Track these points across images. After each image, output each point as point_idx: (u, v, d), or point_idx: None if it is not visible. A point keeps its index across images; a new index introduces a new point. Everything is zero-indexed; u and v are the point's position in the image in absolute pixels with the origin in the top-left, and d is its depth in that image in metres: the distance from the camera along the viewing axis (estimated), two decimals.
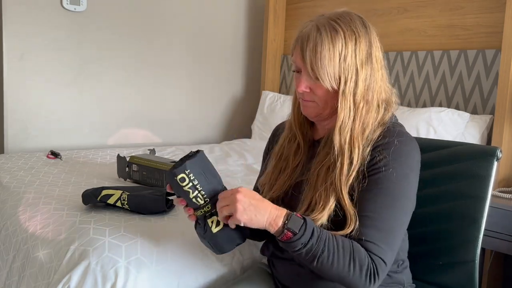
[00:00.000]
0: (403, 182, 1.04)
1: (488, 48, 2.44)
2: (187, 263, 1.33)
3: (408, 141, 1.08)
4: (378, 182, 1.03)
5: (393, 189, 1.03)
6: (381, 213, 1.02)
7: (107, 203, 1.52)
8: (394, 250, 1.03)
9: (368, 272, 0.98)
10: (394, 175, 1.03)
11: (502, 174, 2.23)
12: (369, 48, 1.08)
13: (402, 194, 1.04)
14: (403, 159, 1.05)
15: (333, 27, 1.07)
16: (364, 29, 1.09)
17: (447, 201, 1.29)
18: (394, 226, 1.03)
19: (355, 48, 1.07)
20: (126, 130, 3.15)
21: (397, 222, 1.03)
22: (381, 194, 1.03)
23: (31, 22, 2.72)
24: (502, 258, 2.28)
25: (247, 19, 3.64)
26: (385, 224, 1.01)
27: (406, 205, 1.05)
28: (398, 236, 1.04)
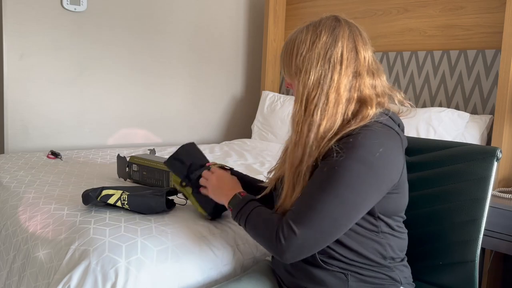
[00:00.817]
0: (346, 172, 1.04)
1: (488, 48, 2.44)
2: (187, 263, 1.33)
3: (370, 135, 1.07)
4: (321, 168, 1.08)
5: (331, 175, 1.05)
6: (312, 192, 1.06)
7: (107, 203, 1.52)
8: (315, 231, 1.04)
9: (276, 233, 1.07)
10: (341, 163, 1.05)
11: (502, 174, 2.23)
12: (331, 47, 1.12)
13: (341, 183, 1.04)
14: (354, 150, 1.05)
15: (302, 29, 1.17)
16: (329, 29, 1.14)
17: (447, 201, 1.29)
18: (319, 207, 1.04)
19: (313, 44, 1.13)
20: (126, 130, 3.16)
21: (325, 205, 1.04)
22: (318, 178, 1.07)
23: (31, 22, 2.73)
24: (502, 258, 2.28)
25: (247, 19, 3.64)
26: (312, 201, 1.05)
27: (344, 195, 1.04)
28: (322, 218, 1.04)
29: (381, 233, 1.14)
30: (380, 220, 1.13)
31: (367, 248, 1.13)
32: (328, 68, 1.11)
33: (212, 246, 1.39)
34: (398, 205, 1.16)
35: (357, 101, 1.13)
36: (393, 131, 1.13)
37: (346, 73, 1.12)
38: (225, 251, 1.40)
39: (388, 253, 1.16)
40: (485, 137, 2.34)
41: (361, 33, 1.17)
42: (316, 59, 1.12)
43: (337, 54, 1.12)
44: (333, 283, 1.14)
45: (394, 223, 1.17)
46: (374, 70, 1.16)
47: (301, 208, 1.06)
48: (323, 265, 1.14)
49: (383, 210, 1.12)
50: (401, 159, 1.12)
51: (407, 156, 1.41)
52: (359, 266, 1.14)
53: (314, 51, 1.12)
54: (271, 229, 1.09)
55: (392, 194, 1.12)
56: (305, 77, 1.12)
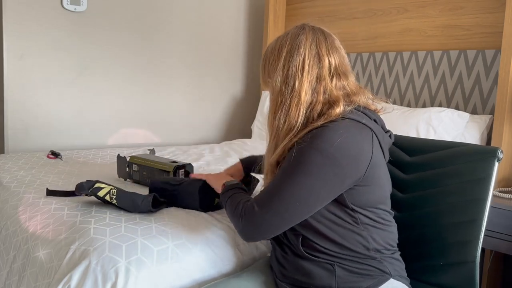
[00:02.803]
0: (305, 159, 1.11)
1: (488, 48, 2.44)
2: (187, 263, 1.33)
3: (331, 127, 1.13)
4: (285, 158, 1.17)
5: (293, 162, 1.13)
6: (275, 179, 1.16)
7: (97, 195, 1.52)
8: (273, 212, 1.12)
9: (240, 211, 1.17)
10: (302, 151, 1.13)
11: (502, 174, 2.23)
12: (293, 53, 1.20)
13: (300, 169, 1.11)
14: (313, 140, 1.12)
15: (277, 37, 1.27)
16: (293, 37, 1.22)
17: (448, 201, 1.29)
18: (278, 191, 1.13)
19: (278, 52, 1.22)
20: (126, 130, 3.16)
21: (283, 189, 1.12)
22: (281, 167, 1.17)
23: (31, 22, 2.73)
24: (502, 258, 2.28)
25: (247, 19, 3.64)
26: (272, 187, 1.14)
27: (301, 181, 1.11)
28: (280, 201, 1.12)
29: (361, 225, 1.16)
30: (357, 212, 1.16)
31: (349, 240, 1.16)
32: (291, 75, 1.19)
33: (212, 245, 1.39)
34: (372, 197, 1.17)
35: (324, 103, 1.19)
36: (362, 125, 1.16)
37: (307, 78, 1.19)
38: (225, 250, 1.40)
39: (371, 244, 1.17)
40: (485, 137, 2.34)
41: (327, 38, 1.23)
42: (281, 67, 1.21)
43: (299, 61, 1.19)
44: (321, 274, 1.16)
45: (374, 215, 1.18)
46: (341, 73, 1.22)
47: (264, 192, 1.16)
48: (309, 257, 1.17)
49: (357, 202, 1.15)
50: (369, 151, 1.14)
51: (408, 156, 1.41)
52: (344, 258, 1.16)
53: (280, 59, 1.22)
54: (239, 208, 1.18)
55: (361, 186, 1.14)
56: (273, 85, 1.22)
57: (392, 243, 1.23)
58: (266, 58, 1.26)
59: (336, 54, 1.22)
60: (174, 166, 1.83)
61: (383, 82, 2.87)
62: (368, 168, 1.13)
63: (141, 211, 1.50)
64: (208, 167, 2.41)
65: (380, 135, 1.19)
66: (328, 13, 3.23)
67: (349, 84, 1.22)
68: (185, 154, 2.73)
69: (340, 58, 1.23)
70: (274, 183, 1.14)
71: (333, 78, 1.20)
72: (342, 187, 1.12)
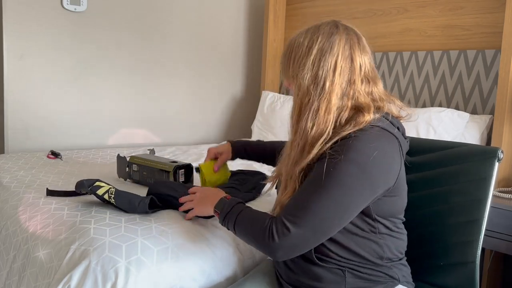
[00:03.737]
0: (340, 174, 1.05)
1: (488, 48, 2.44)
2: (187, 263, 1.33)
3: (364, 138, 1.08)
4: (316, 168, 1.09)
5: (327, 177, 1.05)
6: (306, 193, 1.07)
7: (96, 193, 1.52)
8: (308, 229, 1.06)
9: (269, 231, 1.07)
10: (335, 165, 1.05)
11: (502, 174, 2.23)
12: (326, 54, 1.12)
13: (334, 184, 1.05)
14: (348, 152, 1.06)
15: (301, 33, 1.18)
16: (326, 36, 1.14)
17: (448, 201, 1.29)
18: (313, 207, 1.05)
19: (309, 50, 1.13)
20: (126, 130, 3.16)
21: (318, 205, 1.05)
22: (314, 178, 1.08)
23: (31, 22, 2.73)
24: (502, 258, 2.28)
25: (247, 19, 3.64)
26: (306, 202, 1.06)
27: (336, 196, 1.05)
28: (315, 217, 1.05)
29: (378, 234, 1.15)
30: (378, 222, 1.14)
31: (365, 248, 1.14)
32: (321, 76, 1.12)
33: (212, 246, 1.39)
34: (395, 207, 1.16)
35: (351, 108, 1.13)
36: (391, 135, 1.12)
37: (339, 81, 1.12)
38: (225, 251, 1.40)
39: (386, 253, 1.16)
40: (485, 137, 2.34)
41: (360, 40, 1.16)
42: (311, 65, 1.12)
43: (331, 61, 1.12)
44: (330, 279, 1.15)
45: (391, 224, 1.17)
46: (370, 78, 1.16)
47: (295, 207, 1.07)
48: (320, 263, 1.15)
49: (380, 212, 1.13)
50: (398, 162, 1.12)
51: (408, 156, 1.41)
52: (356, 264, 1.15)
53: (309, 57, 1.13)
54: (263, 227, 1.09)
55: (389, 197, 1.12)
56: (300, 82, 1.14)
57: (402, 250, 1.23)
58: (292, 51, 1.16)
59: (367, 57, 1.16)
60: (174, 166, 1.83)
61: (383, 82, 2.87)
62: (397, 179, 1.12)
63: (138, 212, 1.50)
64: None
65: (403, 144, 1.17)
66: (328, 13, 3.23)
67: (378, 90, 1.17)
68: (185, 154, 2.73)
69: (370, 62, 1.17)
70: (307, 198, 1.06)
71: (363, 83, 1.14)
72: (372, 199, 1.09)
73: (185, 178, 1.87)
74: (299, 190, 1.11)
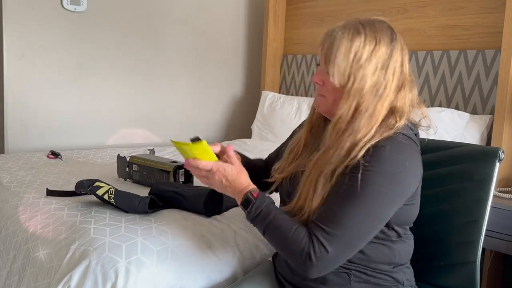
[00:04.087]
0: (376, 187, 1.04)
1: (488, 48, 2.44)
2: (187, 263, 1.33)
3: (396, 149, 1.07)
4: (352, 181, 1.05)
5: (363, 192, 1.04)
6: (344, 210, 1.04)
7: (96, 193, 1.52)
8: (346, 247, 1.04)
9: (305, 254, 1.03)
10: (371, 178, 1.04)
11: (502, 174, 2.23)
12: (388, 59, 1.10)
13: (372, 199, 1.04)
14: (380, 164, 1.05)
15: (357, 29, 1.10)
16: (388, 40, 1.11)
17: (449, 202, 1.29)
18: (355, 228, 1.04)
19: (372, 53, 1.09)
20: (126, 130, 3.16)
21: (360, 223, 1.04)
22: (351, 192, 1.05)
23: (31, 22, 2.72)
24: (502, 258, 2.28)
25: (247, 19, 3.64)
26: (344, 221, 1.03)
27: (373, 210, 1.05)
28: (352, 234, 1.04)
29: (389, 241, 1.15)
30: (392, 230, 1.14)
31: (376, 253, 1.14)
32: (383, 80, 1.09)
33: (212, 246, 1.39)
34: (411, 215, 1.17)
35: (388, 112, 1.12)
36: (414, 143, 1.13)
37: (392, 86, 1.11)
38: (225, 251, 1.40)
39: (396, 258, 1.16)
40: (485, 137, 2.34)
41: (404, 44, 1.16)
42: (374, 69, 1.09)
43: (392, 67, 1.10)
44: (335, 282, 1.14)
45: (404, 231, 1.18)
46: (411, 83, 1.15)
47: (331, 222, 1.04)
48: None
49: (398, 220, 1.13)
50: (421, 170, 1.13)
51: None
52: (363, 268, 1.14)
53: (372, 60, 1.09)
54: (300, 245, 1.04)
55: (408, 205, 1.13)
56: (360, 84, 1.09)
57: (410, 255, 1.23)
58: (350, 53, 1.09)
59: (409, 64, 1.15)
60: (174, 166, 1.83)
61: None
62: (418, 186, 1.13)
63: (138, 212, 1.50)
64: None
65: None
66: (329, 13, 3.23)
67: (413, 95, 1.15)
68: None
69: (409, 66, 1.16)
70: (344, 213, 1.03)
71: (406, 89, 1.14)
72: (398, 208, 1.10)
73: (185, 178, 1.87)
74: (333, 200, 1.07)
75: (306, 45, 3.39)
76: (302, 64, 3.40)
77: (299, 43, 3.44)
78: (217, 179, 1.18)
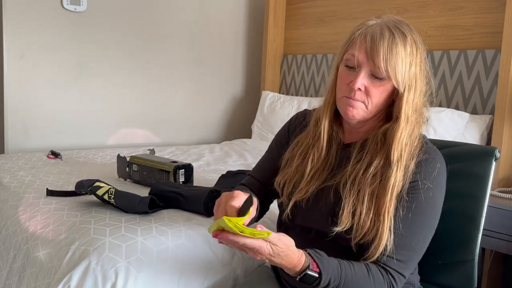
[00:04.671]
0: (436, 202, 1.06)
1: (488, 48, 2.44)
2: (188, 263, 1.33)
3: (442, 160, 1.09)
4: (415, 201, 1.04)
5: (427, 209, 1.05)
6: (414, 233, 1.04)
7: (96, 193, 1.53)
8: (415, 263, 1.07)
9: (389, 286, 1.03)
10: (430, 194, 1.04)
11: (502, 174, 2.23)
12: (423, 62, 1.09)
13: (434, 214, 1.06)
14: (439, 178, 1.06)
15: (402, 32, 1.06)
16: (420, 42, 1.10)
17: (446, 200, 1.29)
18: (423, 246, 1.06)
19: (417, 58, 1.07)
20: (126, 130, 3.16)
21: (426, 241, 1.06)
22: (417, 213, 1.04)
23: (31, 22, 2.73)
24: (502, 258, 2.28)
25: (247, 19, 3.64)
26: (416, 244, 1.04)
27: (434, 224, 1.08)
28: (422, 253, 1.07)
29: None
30: None
31: None
32: (426, 89, 1.09)
33: (212, 246, 1.39)
34: None
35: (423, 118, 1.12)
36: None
37: (423, 90, 1.10)
38: (224, 251, 1.40)
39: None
40: (485, 137, 2.34)
41: None
42: (423, 78, 1.08)
43: (427, 74, 1.10)
44: None
45: None
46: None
47: (404, 253, 1.03)
48: None
49: None
50: None
51: None
52: None
53: (422, 68, 1.08)
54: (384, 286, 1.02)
55: None
56: (415, 94, 1.06)
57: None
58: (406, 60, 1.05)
59: None
60: (174, 166, 1.83)
61: None
62: None
63: (138, 212, 1.50)
64: (208, 167, 2.41)
65: None
66: (328, 13, 3.23)
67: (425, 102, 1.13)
68: (185, 154, 2.73)
69: None
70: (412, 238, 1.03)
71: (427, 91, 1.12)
72: None
73: (185, 178, 1.87)
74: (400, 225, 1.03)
75: (306, 45, 3.39)
76: (302, 64, 3.40)
77: (299, 43, 3.44)
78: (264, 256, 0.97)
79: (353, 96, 1.06)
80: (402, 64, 1.04)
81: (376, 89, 1.05)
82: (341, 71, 1.10)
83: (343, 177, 1.09)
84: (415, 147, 1.07)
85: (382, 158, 1.06)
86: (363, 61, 1.05)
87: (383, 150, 1.06)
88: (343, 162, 1.13)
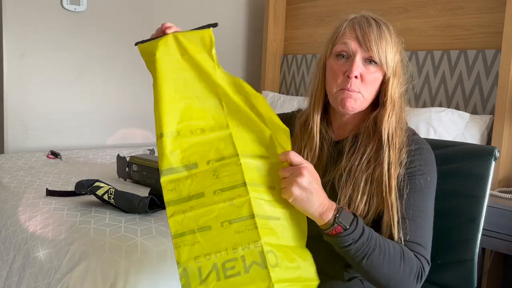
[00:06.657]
0: (432, 188, 1.07)
1: (488, 48, 2.44)
2: None
3: (431, 150, 1.11)
4: (417, 186, 1.05)
5: (428, 194, 1.06)
6: (423, 216, 1.04)
7: (96, 193, 1.53)
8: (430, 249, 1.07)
9: (417, 274, 0.99)
10: (428, 179, 1.05)
11: (502, 174, 2.23)
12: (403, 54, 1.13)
13: (432, 197, 1.07)
14: (433, 165, 1.08)
15: (384, 22, 1.14)
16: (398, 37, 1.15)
17: (446, 200, 1.29)
18: (431, 229, 1.06)
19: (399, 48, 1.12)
20: (126, 130, 3.16)
21: (431, 225, 1.07)
22: (420, 197, 1.05)
23: (31, 22, 2.72)
24: (502, 258, 2.28)
25: (247, 19, 3.64)
26: (427, 227, 1.04)
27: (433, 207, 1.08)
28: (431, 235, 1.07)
29: None
30: None
31: None
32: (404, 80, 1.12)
33: None
34: None
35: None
36: None
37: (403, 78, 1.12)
38: None
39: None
40: (485, 137, 2.34)
41: None
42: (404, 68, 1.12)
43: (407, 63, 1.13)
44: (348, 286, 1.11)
45: None
46: None
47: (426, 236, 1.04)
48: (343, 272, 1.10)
49: None
50: None
51: None
52: None
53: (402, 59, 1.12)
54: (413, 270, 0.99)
55: None
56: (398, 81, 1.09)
57: None
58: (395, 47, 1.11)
59: None
60: None
61: None
62: None
63: (138, 212, 1.50)
64: None
65: None
66: (328, 13, 3.23)
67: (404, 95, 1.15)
68: None
69: None
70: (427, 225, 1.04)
71: None
72: None
73: None
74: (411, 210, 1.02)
75: (306, 45, 3.39)
76: (302, 64, 3.39)
77: (299, 43, 3.44)
78: (307, 175, 0.89)
79: (350, 87, 1.06)
80: (390, 49, 1.08)
81: (370, 75, 1.07)
82: (332, 64, 1.10)
83: (338, 171, 1.09)
84: (405, 132, 1.08)
85: (375, 144, 1.07)
86: (356, 48, 1.08)
87: (375, 136, 1.07)
88: (336, 158, 1.13)
